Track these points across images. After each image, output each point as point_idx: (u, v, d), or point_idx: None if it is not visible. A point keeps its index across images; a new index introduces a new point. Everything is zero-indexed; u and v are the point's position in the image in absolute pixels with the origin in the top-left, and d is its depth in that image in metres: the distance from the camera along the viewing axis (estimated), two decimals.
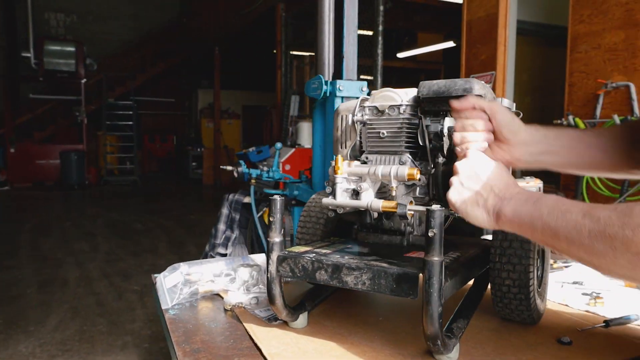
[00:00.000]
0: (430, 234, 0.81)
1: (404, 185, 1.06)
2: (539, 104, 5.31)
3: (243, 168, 2.22)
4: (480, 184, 0.85)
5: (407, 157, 1.09)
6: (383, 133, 1.12)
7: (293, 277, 0.97)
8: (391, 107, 1.11)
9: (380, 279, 0.88)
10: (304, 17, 7.53)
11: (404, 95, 1.11)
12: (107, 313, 3.80)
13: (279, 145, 2.34)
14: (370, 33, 5.53)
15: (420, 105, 1.08)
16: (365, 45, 5.35)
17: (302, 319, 1.07)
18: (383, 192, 1.07)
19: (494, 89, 4.17)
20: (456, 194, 0.86)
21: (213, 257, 2.21)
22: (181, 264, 1.36)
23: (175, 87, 15.51)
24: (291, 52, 8.01)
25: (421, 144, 1.08)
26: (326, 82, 1.76)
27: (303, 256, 0.97)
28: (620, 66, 3.16)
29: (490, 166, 0.87)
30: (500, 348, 0.95)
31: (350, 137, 1.19)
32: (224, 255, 2.18)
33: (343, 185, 1.02)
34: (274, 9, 8.10)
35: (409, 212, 0.93)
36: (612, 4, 3.18)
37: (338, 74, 1.81)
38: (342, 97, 1.75)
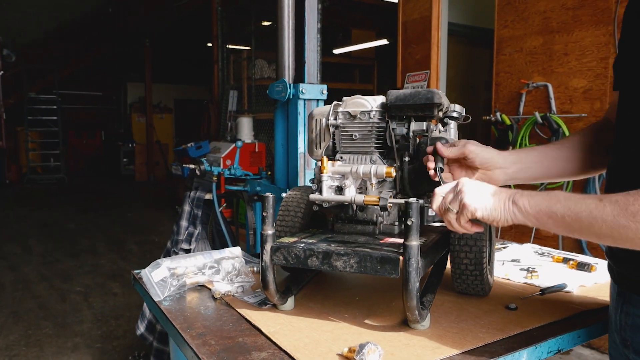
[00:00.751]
0: (409, 222, 0.97)
1: (377, 182, 1.22)
2: (467, 99, 5.71)
3: (205, 166, 2.29)
4: (487, 187, 0.98)
5: (377, 156, 1.25)
6: (355, 135, 1.27)
7: (286, 264, 1.10)
8: (362, 112, 1.26)
9: (366, 262, 1.03)
10: (241, 11, 7.50)
11: (373, 102, 1.27)
12: (51, 316, 3.70)
13: (239, 143, 2.43)
14: None
15: (388, 111, 1.24)
16: None
17: (290, 302, 1.20)
18: (359, 188, 1.23)
19: (428, 86, 4.46)
20: (472, 197, 0.95)
21: (177, 253, 2.26)
22: (164, 259, 1.45)
23: (103, 80, 14.82)
24: (228, 47, 7.95)
25: (389, 144, 1.24)
26: (290, 85, 1.88)
27: (295, 246, 1.10)
28: (540, 68, 3.53)
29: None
30: (462, 316, 1.13)
31: (324, 138, 1.33)
32: (188, 250, 2.25)
33: (328, 183, 1.16)
34: (209, 2, 8.01)
35: (389, 204, 1.08)
36: (532, 12, 3.53)
37: (299, 77, 1.94)
38: (305, 100, 1.88)
